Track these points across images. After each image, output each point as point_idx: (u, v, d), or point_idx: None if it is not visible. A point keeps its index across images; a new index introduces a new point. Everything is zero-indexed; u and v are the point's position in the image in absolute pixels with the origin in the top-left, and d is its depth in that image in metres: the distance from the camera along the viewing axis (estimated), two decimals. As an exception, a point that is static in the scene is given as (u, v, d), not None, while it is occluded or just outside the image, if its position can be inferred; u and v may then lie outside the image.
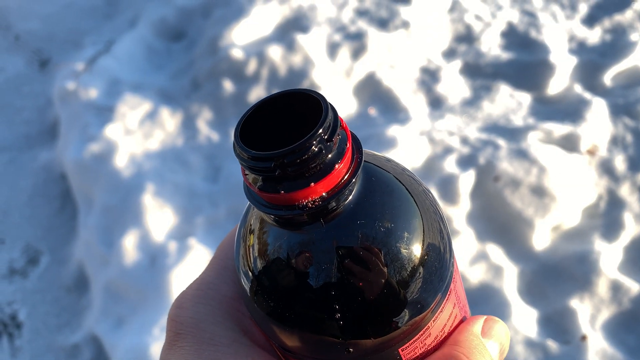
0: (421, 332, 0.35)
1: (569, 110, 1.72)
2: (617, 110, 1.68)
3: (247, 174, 0.32)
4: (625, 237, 1.40)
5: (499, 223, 1.49)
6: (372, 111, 1.17)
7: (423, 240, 0.34)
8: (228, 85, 2.03)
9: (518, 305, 1.33)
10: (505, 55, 1.94)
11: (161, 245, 1.62)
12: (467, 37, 2.05)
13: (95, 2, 2.88)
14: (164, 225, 1.68)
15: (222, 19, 2.27)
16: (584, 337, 1.25)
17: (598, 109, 1.68)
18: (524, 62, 1.89)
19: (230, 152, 1.82)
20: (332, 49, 2.06)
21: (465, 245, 1.45)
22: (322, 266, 0.32)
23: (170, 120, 2.01)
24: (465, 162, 1.60)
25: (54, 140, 2.21)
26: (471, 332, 0.37)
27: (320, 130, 0.30)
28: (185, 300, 0.39)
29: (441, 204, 1.53)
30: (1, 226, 1.98)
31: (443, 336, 0.37)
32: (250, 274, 0.35)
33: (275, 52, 2.05)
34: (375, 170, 0.35)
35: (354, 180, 0.32)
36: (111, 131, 1.98)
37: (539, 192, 1.49)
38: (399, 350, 0.34)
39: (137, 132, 1.98)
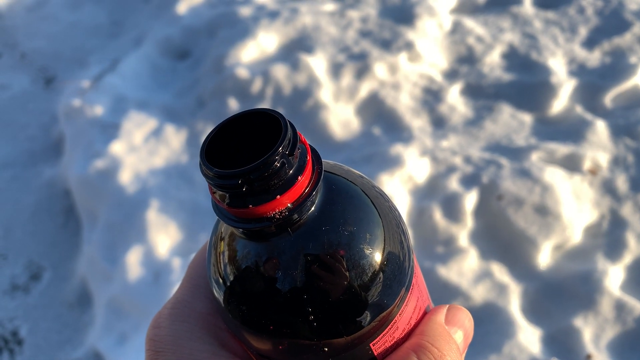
0: (389, 326, 0.37)
1: (570, 130, 1.74)
2: (618, 131, 1.70)
3: (214, 192, 0.34)
4: (628, 257, 1.41)
5: (503, 242, 1.50)
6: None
7: (384, 240, 0.36)
8: (233, 104, 2.05)
9: (522, 324, 1.33)
10: (506, 77, 1.97)
11: (165, 261, 1.62)
12: (469, 59, 2.08)
13: (101, 21, 2.91)
14: (168, 242, 1.69)
15: (227, 38, 2.30)
16: (588, 357, 1.25)
17: (599, 130, 1.70)
18: (525, 83, 1.92)
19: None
20: (336, 69, 2.08)
21: (469, 264, 1.45)
22: (293, 272, 0.34)
23: (175, 138, 2.03)
24: (469, 181, 1.61)
25: (58, 156, 2.22)
26: (435, 321, 0.40)
27: (282, 146, 0.32)
28: (162, 319, 0.40)
29: (445, 222, 1.54)
30: (4, 242, 1.98)
31: (410, 328, 0.39)
32: (222, 283, 0.37)
33: (280, 72, 2.08)
34: (335, 179, 0.37)
35: (316, 190, 0.34)
36: (116, 148, 1.99)
37: (542, 211, 1.50)
38: (370, 345, 0.37)
39: (142, 149, 2.00)
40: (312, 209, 0.35)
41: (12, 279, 1.86)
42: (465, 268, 1.44)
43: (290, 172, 0.33)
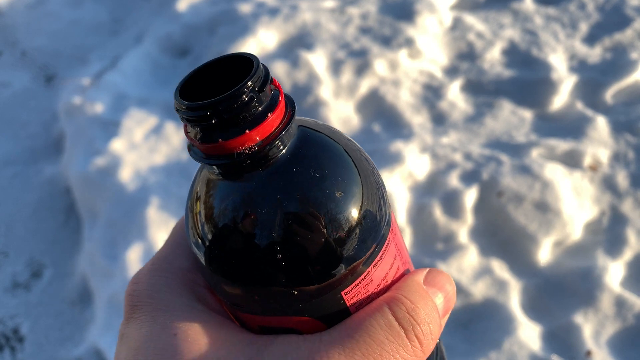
0: (362, 277, 0.36)
1: (570, 126, 1.73)
2: (619, 127, 1.69)
3: (189, 132, 0.35)
4: (629, 253, 1.41)
5: (503, 238, 1.50)
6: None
7: (358, 187, 0.36)
8: (233, 101, 2.05)
9: (522, 320, 1.33)
10: (507, 73, 1.96)
11: (165, 258, 1.62)
12: (469, 55, 2.07)
13: (101, 19, 2.91)
14: (168, 239, 1.69)
15: (227, 35, 2.30)
16: (588, 353, 1.25)
17: (600, 126, 1.70)
18: (526, 80, 1.92)
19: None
20: (336, 66, 2.08)
21: (469, 260, 1.45)
22: (261, 211, 0.34)
23: (175, 135, 2.03)
24: (469, 178, 1.61)
25: (59, 154, 2.23)
26: (413, 279, 0.39)
27: (251, 80, 0.33)
28: (141, 275, 0.40)
29: (445, 219, 1.54)
30: (5, 239, 1.98)
31: (386, 284, 0.39)
32: (198, 234, 0.37)
33: (280, 68, 2.08)
34: (308, 130, 0.38)
35: (287, 129, 0.34)
36: (116, 145, 1.99)
37: (542, 207, 1.50)
38: (342, 293, 0.36)
39: (142, 146, 2.00)
40: (284, 151, 0.35)
41: (13, 277, 1.86)
42: (465, 265, 1.44)
43: (260, 108, 0.33)
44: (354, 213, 0.35)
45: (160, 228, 1.71)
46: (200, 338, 0.35)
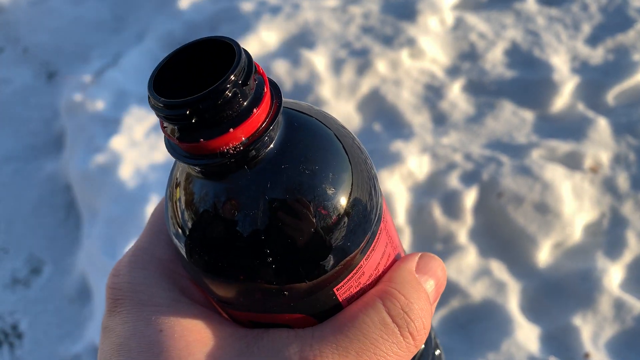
0: (354, 271, 0.35)
1: (572, 128, 1.73)
2: (620, 129, 1.69)
3: (166, 127, 0.32)
4: (628, 256, 1.41)
5: (502, 239, 1.50)
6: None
7: (349, 181, 0.34)
8: (233, 99, 2.05)
9: (521, 322, 1.33)
10: (508, 73, 1.96)
11: (164, 256, 1.62)
12: (471, 55, 2.07)
13: (103, 16, 2.91)
14: (168, 237, 1.69)
15: (228, 34, 2.30)
16: (587, 355, 1.25)
17: (601, 127, 1.69)
18: (528, 80, 1.91)
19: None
20: (337, 65, 2.08)
21: (468, 261, 1.45)
22: (250, 212, 0.32)
23: (175, 133, 2.02)
24: (469, 178, 1.61)
25: (60, 151, 2.23)
26: (405, 269, 0.38)
27: (234, 74, 0.30)
28: (121, 267, 0.39)
29: (444, 219, 1.54)
30: (5, 236, 1.98)
31: (377, 274, 0.37)
32: (179, 229, 0.35)
33: (281, 67, 2.07)
34: (297, 116, 0.35)
35: (274, 124, 0.32)
36: (117, 143, 1.99)
37: (542, 209, 1.49)
38: (334, 289, 0.35)
39: (142, 144, 2.00)
40: (272, 146, 0.32)
41: (12, 273, 1.86)
42: (464, 265, 1.44)
43: (245, 103, 0.30)
44: (346, 208, 0.34)
45: (159, 226, 1.71)
46: (187, 334, 0.34)
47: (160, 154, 1.96)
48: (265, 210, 0.32)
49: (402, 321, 0.35)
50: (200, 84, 0.33)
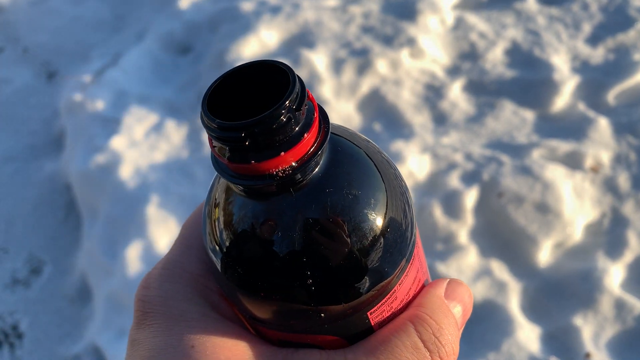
0: (388, 296, 0.36)
1: (572, 127, 1.73)
2: (621, 129, 1.68)
3: (215, 146, 0.32)
4: (629, 255, 1.40)
5: (503, 239, 1.49)
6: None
7: (388, 207, 0.35)
8: (234, 99, 2.05)
9: (521, 322, 1.32)
10: (509, 73, 1.95)
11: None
12: (471, 55, 2.07)
13: (103, 16, 2.91)
14: (168, 237, 1.69)
15: (229, 33, 2.30)
16: (587, 355, 1.25)
17: (601, 127, 1.69)
18: (528, 80, 1.91)
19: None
20: (338, 65, 2.07)
21: (469, 261, 1.45)
22: (293, 235, 0.32)
23: (175, 133, 2.02)
24: (469, 178, 1.61)
25: (60, 151, 2.23)
26: (434, 294, 0.39)
27: (289, 100, 0.30)
28: (152, 280, 0.39)
29: (445, 219, 1.53)
30: (5, 236, 1.98)
31: (408, 299, 0.38)
32: (219, 247, 0.35)
33: (281, 67, 2.07)
34: (340, 142, 0.36)
35: (322, 149, 0.32)
36: (117, 143, 1.99)
37: (543, 208, 1.49)
38: (368, 313, 0.36)
39: (142, 144, 2.00)
40: (317, 169, 0.33)
41: (12, 273, 1.86)
42: (465, 265, 1.44)
43: (297, 128, 0.31)
44: (385, 235, 0.34)
45: (159, 226, 1.71)
46: (218, 350, 0.35)
47: (160, 153, 1.96)
48: (310, 233, 0.33)
49: (434, 346, 0.35)
50: (245, 104, 0.34)
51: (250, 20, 2.31)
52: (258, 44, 2.23)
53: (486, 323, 1.34)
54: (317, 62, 2.07)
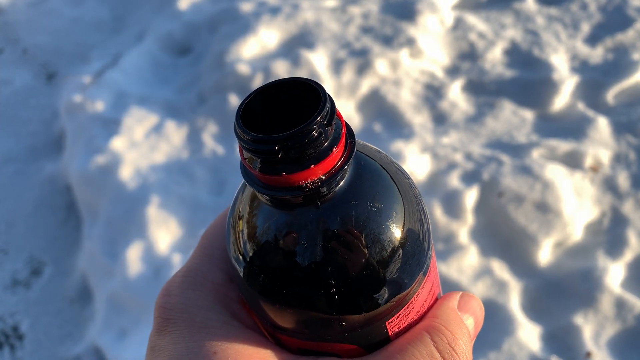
0: (405, 307, 0.37)
1: (572, 127, 1.73)
2: (620, 128, 1.69)
3: (246, 158, 0.34)
4: (629, 254, 1.41)
5: (503, 239, 1.50)
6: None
7: (407, 219, 0.37)
8: (234, 100, 2.05)
9: (522, 321, 1.33)
10: (508, 73, 1.96)
11: (165, 257, 1.62)
12: (470, 55, 2.07)
13: (103, 17, 2.91)
14: (168, 238, 1.69)
15: (228, 34, 2.30)
16: (588, 354, 1.25)
17: (601, 127, 1.69)
18: (527, 80, 1.91)
19: (235, 165, 1.83)
20: (337, 65, 2.08)
21: (469, 261, 1.45)
22: (318, 245, 0.34)
23: (175, 134, 2.03)
24: (469, 178, 1.61)
25: (60, 152, 2.23)
26: (448, 306, 0.40)
27: (320, 116, 0.32)
28: (173, 287, 0.39)
29: (445, 219, 1.54)
30: (5, 237, 1.98)
31: (423, 311, 0.40)
32: (242, 256, 0.37)
33: (280, 68, 2.07)
34: (363, 157, 0.38)
35: (348, 163, 0.34)
36: (117, 143, 1.99)
37: (543, 208, 1.49)
38: (386, 323, 0.37)
39: (142, 144, 2.00)
40: (342, 183, 0.35)
41: (13, 274, 1.86)
42: (465, 265, 1.44)
43: (326, 143, 0.33)
44: (406, 247, 0.36)
45: (160, 227, 1.71)
46: (239, 357, 0.35)
47: (160, 154, 1.96)
48: (334, 244, 0.34)
49: (449, 355, 0.37)
50: (280, 119, 0.35)
51: (249, 20, 2.32)
52: (258, 44, 2.23)
53: (487, 322, 1.35)
54: (316, 62, 2.07)
